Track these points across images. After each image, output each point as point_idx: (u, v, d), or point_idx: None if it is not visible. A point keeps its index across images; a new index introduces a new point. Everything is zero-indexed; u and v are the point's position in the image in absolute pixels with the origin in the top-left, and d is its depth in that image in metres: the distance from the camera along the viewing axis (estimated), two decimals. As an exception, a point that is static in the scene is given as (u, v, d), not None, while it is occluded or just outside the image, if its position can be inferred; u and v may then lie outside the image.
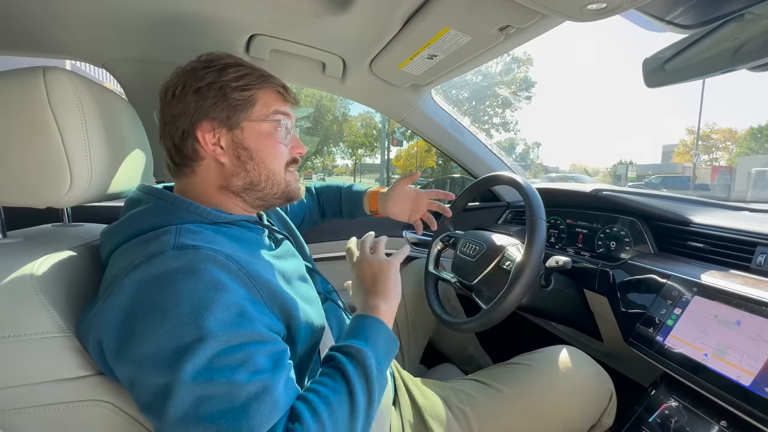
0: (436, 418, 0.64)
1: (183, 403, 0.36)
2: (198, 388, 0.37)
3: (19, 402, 0.40)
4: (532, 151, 32.50)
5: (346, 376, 0.44)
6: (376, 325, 0.52)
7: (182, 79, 0.54)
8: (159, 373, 0.37)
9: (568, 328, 1.08)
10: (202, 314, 0.38)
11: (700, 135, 25.53)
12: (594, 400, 0.69)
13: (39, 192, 0.46)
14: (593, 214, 0.95)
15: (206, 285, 0.40)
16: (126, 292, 0.40)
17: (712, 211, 0.82)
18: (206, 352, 0.37)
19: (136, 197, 0.54)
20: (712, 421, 0.55)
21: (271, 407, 0.38)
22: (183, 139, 0.54)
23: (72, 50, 0.85)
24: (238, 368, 0.38)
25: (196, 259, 0.42)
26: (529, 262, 0.69)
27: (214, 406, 0.36)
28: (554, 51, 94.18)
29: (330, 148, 26.17)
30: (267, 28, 0.82)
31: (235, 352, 0.39)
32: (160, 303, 0.39)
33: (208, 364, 0.37)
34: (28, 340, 0.40)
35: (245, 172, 0.55)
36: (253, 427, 0.36)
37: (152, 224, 0.48)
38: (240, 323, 0.40)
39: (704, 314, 0.59)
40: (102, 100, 0.52)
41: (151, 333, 0.38)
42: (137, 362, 0.38)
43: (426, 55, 0.85)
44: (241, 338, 0.40)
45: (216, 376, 0.37)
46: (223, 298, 0.40)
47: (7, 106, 0.44)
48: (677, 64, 0.61)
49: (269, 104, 0.56)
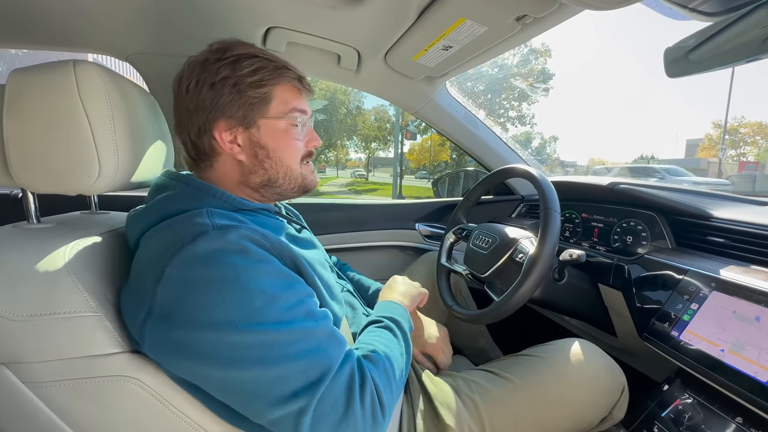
0: (447, 406, 0.65)
1: (271, 349, 0.41)
2: (280, 335, 0.42)
3: (54, 375, 0.43)
4: (549, 145, 31.84)
5: (395, 332, 0.58)
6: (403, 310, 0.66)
7: (196, 72, 0.53)
8: (239, 332, 0.41)
9: (581, 322, 1.07)
10: (262, 280, 0.43)
11: (728, 129, 24.49)
12: (605, 393, 0.69)
13: (70, 180, 0.48)
14: (609, 208, 0.94)
15: (255, 258, 0.44)
16: (179, 271, 0.42)
17: (734, 206, 0.80)
18: (276, 308, 0.43)
19: (162, 183, 0.55)
20: (727, 417, 0.54)
21: (339, 342, 0.47)
22: (199, 136, 0.55)
23: (97, 44, 0.88)
24: (306, 316, 0.45)
25: (238, 237, 0.45)
26: (542, 255, 0.69)
27: (299, 345, 0.43)
28: (574, 42, 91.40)
29: (344, 142, 26.21)
30: (284, 21, 0.83)
31: (298, 305, 0.45)
32: (221, 277, 0.42)
33: (281, 317, 0.43)
34: (62, 318, 0.42)
35: (263, 170, 0.57)
36: (332, 356, 0.44)
37: (179, 209, 0.49)
38: (292, 284, 0.47)
39: (722, 310, 0.58)
40: (127, 92, 0.54)
41: (220, 303, 0.41)
42: (212, 328, 0.41)
43: (441, 46, 0.84)
44: (298, 295, 0.46)
45: (292, 324, 0.43)
46: (272, 267, 0.46)
47: (40, 99, 0.46)
48: (701, 53, 0.59)
49: (285, 100, 0.57)
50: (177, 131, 0.57)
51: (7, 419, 0.44)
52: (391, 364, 0.51)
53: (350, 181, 25.55)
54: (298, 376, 0.42)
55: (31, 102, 0.46)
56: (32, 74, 0.47)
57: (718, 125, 27.29)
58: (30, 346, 0.41)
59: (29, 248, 0.45)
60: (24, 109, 0.46)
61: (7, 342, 0.41)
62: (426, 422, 0.64)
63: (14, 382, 0.42)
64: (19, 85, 0.46)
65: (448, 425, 0.63)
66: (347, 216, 1.31)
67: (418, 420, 0.64)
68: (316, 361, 0.43)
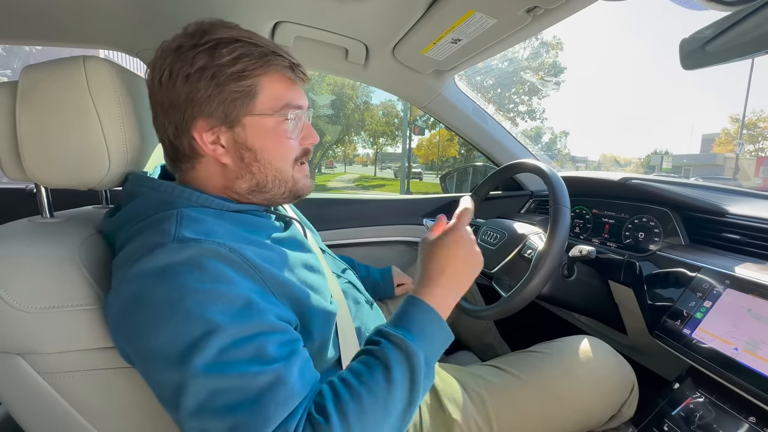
0: (453, 400, 0.65)
1: (197, 397, 0.36)
2: (211, 382, 0.36)
3: (67, 366, 0.44)
4: (560, 140, 31.41)
5: (390, 373, 0.40)
6: (434, 320, 0.46)
7: (168, 61, 0.46)
8: (170, 368, 0.37)
9: (591, 319, 1.06)
10: (209, 307, 0.37)
11: (746, 123, 23.83)
12: (614, 391, 0.68)
13: (81, 175, 0.49)
14: (621, 203, 0.92)
15: (211, 278, 0.39)
16: (130, 286, 0.39)
17: (749, 202, 0.78)
18: (216, 345, 0.36)
19: (129, 189, 0.50)
20: (740, 417, 0.53)
21: (287, 396, 0.37)
22: (177, 136, 0.48)
23: (108, 40, 0.89)
24: (250, 360, 0.37)
25: (198, 253, 0.40)
26: (551, 251, 0.68)
27: (228, 398, 0.36)
28: (586, 34, 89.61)
29: (351, 137, 26.20)
30: (292, 15, 0.83)
31: (245, 343, 0.37)
32: (165, 297, 0.38)
33: (219, 357, 0.36)
34: (75, 310, 0.43)
35: (250, 174, 0.50)
36: (269, 417, 0.35)
37: (147, 217, 0.46)
38: (248, 314, 0.39)
39: (737, 307, 0.57)
40: (135, 87, 0.55)
41: (158, 328, 0.37)
42: (147, 356, 0.39)
43: (450, 39, 0.83)
44: (251, 330, 0.38)
45: (228, 368, 0.36)
46: (229, 291, 0.39)
47: (52, 94, 0.47)
48: (719, 44, 0.57)
49: (275, 95, 0.49)
50: (154, 128, 0.51)
51: (23, 407, 0.45)
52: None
53: (357, 177, 25.60)
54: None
55: (44, 98, 0.47)
56: (44, 70, 0.48)
57: (736, 119, 26.54)
58: (44, 338, 0.43)
59: (43, 242, 0.46)
60: (37, 105, 0.47)
61: (22, 333, 0.42)
62: (432, 416, 0.64)
63: (29, 371, 0.43)
64: (31, 81, 0.47)
65: (455, 419, 0.63)
66: (354, 211, 1.31)
67: (424, 413, 0.64)
68: (244, 422, 0.35)
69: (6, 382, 0.44)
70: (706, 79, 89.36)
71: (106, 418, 0.46)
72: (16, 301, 0.41)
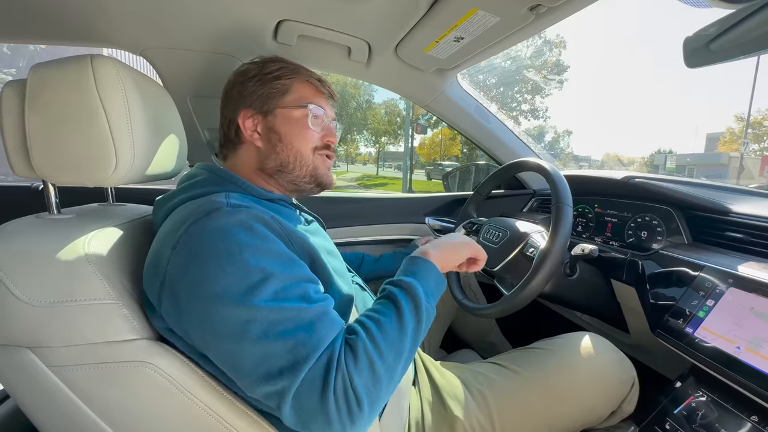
0: (455, 398, 0.66)
1: (261, 325, 0.42)
2: (272, 313, 0.43)
3: (76, 359, 0.44)
4: (563, 139, 31.26)
5: (398, 303, 0.49)
6: (426, 265, 0.56)
7: (235, 77, 0.63)
8: (234, 306, 0.42)
9: (593, 318, 1.06)
10: (263, 259, 0.45)
11: (751, 122, 23.64)
12: (615, 387, 0.69)
13: (88, 172, 0.50)
14: (624, 202, 0.92)
15: (261, 237, 0.47)
16: (192, 240, 0.46)
17: (753, 200, 0.78)
18: (272, 287, 0.44)
19: (192, 172, 0.60)
20: (742, 416, 0.53)
21: (331, 323, 0.45)
22: (229, 126, 0.62)
23: (113, 39, 0.89)
24: (300, 298, 0.45)
25: (248, 216, 0.48)
26: (554, 249, 0.68)
27: (287, 324, 0.43)
28: (590, 33, 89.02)
29: (354, 136, 26.18)
30: (295, 14, 0.83)
31: (294, 287, 0.45)
32: (226, 250, 0.44)
33: (275, 296, 0.43)
34: (83, 305, 0.44)
35: (275, 153, 0.61)
36: (321, 337, 0.43)
37: (203, 192, 0.54)
38: (292, 266, 0.47)
39: (739, 306, 0.57)
40: (142, 86, 0.55)
41: (221, 274, 0.43)
42: (212, 298, 0.43)
43: (453, 37, 0.83)
44: (296, 277, 0.47)
45: (285, 303, 0.44)
46: (276, 248, 0.47)
47: (60, 92, 0.48)
48: (723, 42, 0.57)
49: (302, 95, 0.62)
50: (219, 130, 0.66)
51: (32, 401, 0.46)
52: (377, 349, 0.45)
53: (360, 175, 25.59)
54: (283, 355, 0.42)
55: (51, 96, 0.47)
56: (52, 69, 0.48)
57: (741, 118, 26.33)
58: (53, 332, 0.43)
59: (51, 238, 0.46)
60: (44, 102, 0.47)
61: (31, 327, 0.43)
62: (434, 413, 0.65)
63: (38, 365, 0.44)
64: (40, 79, 0.47)
65: (457, 417, 0.63)
66: (357, 209, 1.31)
67: (426, 411, 0.65)
68: (303, 341, 0.42)
69: (15, 375, 0.44)
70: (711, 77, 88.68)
71: (113, 410, 0.46)
72: (25, 296, 0.42)
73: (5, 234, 0.46)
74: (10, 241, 0.45)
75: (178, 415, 0.48)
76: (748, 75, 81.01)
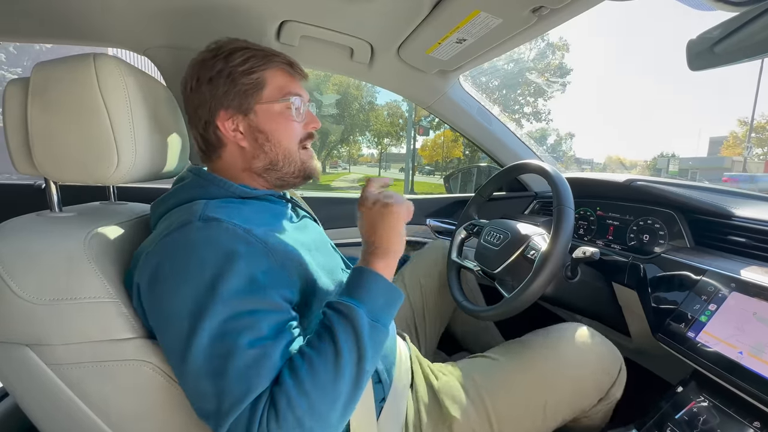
0: (451, 398, 0.66)
1: (197, 358, 0.41)
2: (212, 346, 0.41)
3: (74, 357, 0.44)
4: (565, 142, 31.20)
5: (335, 337, 0.44)
6: (372, 279, 0.50)
7: (195, 71, 0.58)
8: (180, 325, 0.42)
9: (594, 321, 1.05)
10: (218, 281, 0.43)
11: (754, 126, 23.55)
12: (604, 369, 0.70)
13: (90, 170, 0.50)
14: (626, 205, 0.91)
15: (224, 255, 0.45)
16: (160, 252, 0.46)
17: (756, 204, 0.77)
18: (218, 315, 0.42)
19: (181, 175, 0.62)
20: (744, 422, 0.52)
21: (268, 371, 0.42)
22: (206, 129, 0.59)
23: (117, 39, 0.90)
24: (244, 333, 0.42)
25: (217, 232, 0.46)
26: (555, 252, 0.68)
27: (221, 364, 0.41)
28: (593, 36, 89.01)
29: (356, 137, 26.21)
30: (298, 15, 0.84)
31: (243, 317, 0.43)
32: (186, 266, 0.44)
33: (219, 326, 0.42)
34: (82, 303, 0.44)
35: (264, 153, 0.59)
36: (250, 388, 0.40)
37: (189, 197, 0.54)
38: (250, 291, 0.44)
39: (742, 311, 0.56)
40: (144, 85, 0.55)
41: (176, 289, 0.43)
42: (163, 312, 0.44)
43: (455, 39, 0.83)
44: (250, 305, 0.44)
45: (225, 337, 0.42)
46: (236, 268, 0.44)
47: (63, 91, 0.48)
48: (727, 45, 0.57)
49: (278, 85, 0.59)
50: (189, 128, 0.62)
51: (30, 398, 0.46)
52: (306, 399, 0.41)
53: (361, 177, 25.63)
54: (210, 399, 0.41)
55: (54, 94, 0.48)
56: (55, 67, 0.48)
57: (744, 122, 26.23)
58: (52, 329, 0.43)
59: (52, 235, 0.47)
60: (47, 100, 0.47)
61: (31, 324, 0.43)
62: (431, 415, 0.65)
63: (37, 363, 0.44)
64: (43, 77, 0.48)
65: (454, 417, 0.63)
66: (348, 210, 1.31)
67: (423, 414, 0.65)
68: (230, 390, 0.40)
69: (14, 372, 0.44)
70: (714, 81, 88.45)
71: (111, 408, 0.46)
72: (25, 293, 0.42)
73: (6, 231, 0.46)
74: (10, 238, 0.45)
75: (176, 412, 0.48)
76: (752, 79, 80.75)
